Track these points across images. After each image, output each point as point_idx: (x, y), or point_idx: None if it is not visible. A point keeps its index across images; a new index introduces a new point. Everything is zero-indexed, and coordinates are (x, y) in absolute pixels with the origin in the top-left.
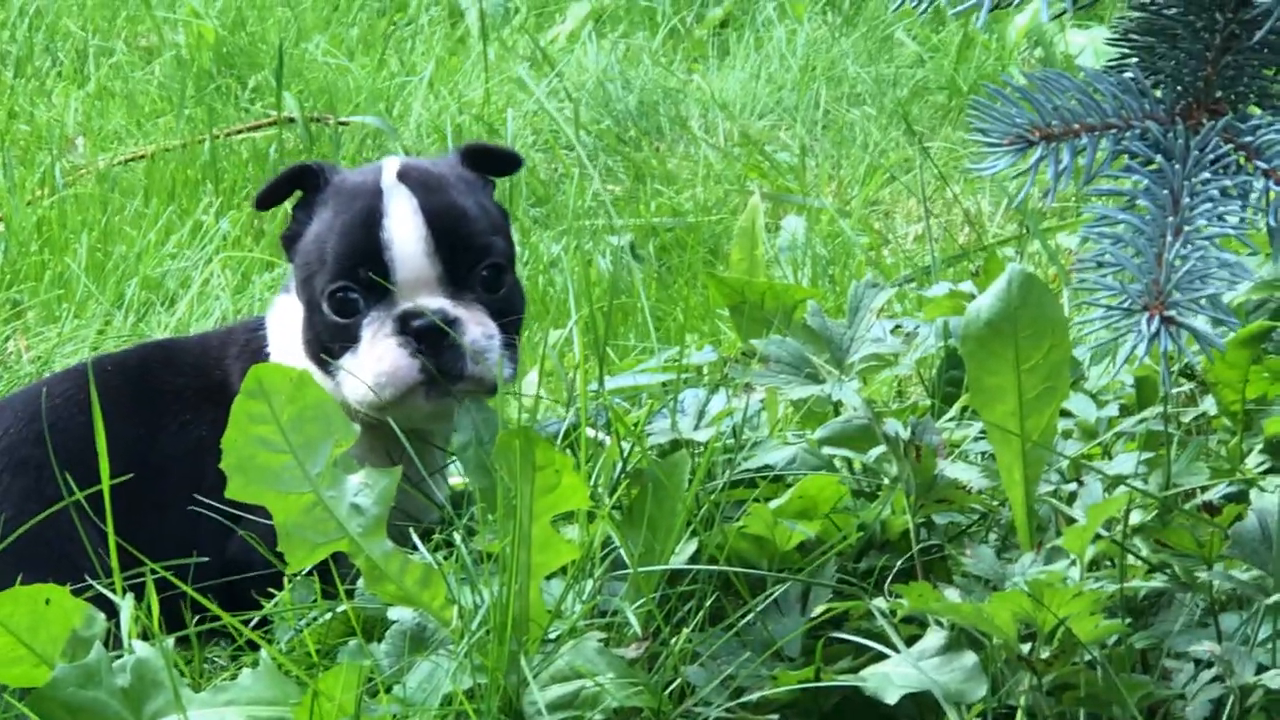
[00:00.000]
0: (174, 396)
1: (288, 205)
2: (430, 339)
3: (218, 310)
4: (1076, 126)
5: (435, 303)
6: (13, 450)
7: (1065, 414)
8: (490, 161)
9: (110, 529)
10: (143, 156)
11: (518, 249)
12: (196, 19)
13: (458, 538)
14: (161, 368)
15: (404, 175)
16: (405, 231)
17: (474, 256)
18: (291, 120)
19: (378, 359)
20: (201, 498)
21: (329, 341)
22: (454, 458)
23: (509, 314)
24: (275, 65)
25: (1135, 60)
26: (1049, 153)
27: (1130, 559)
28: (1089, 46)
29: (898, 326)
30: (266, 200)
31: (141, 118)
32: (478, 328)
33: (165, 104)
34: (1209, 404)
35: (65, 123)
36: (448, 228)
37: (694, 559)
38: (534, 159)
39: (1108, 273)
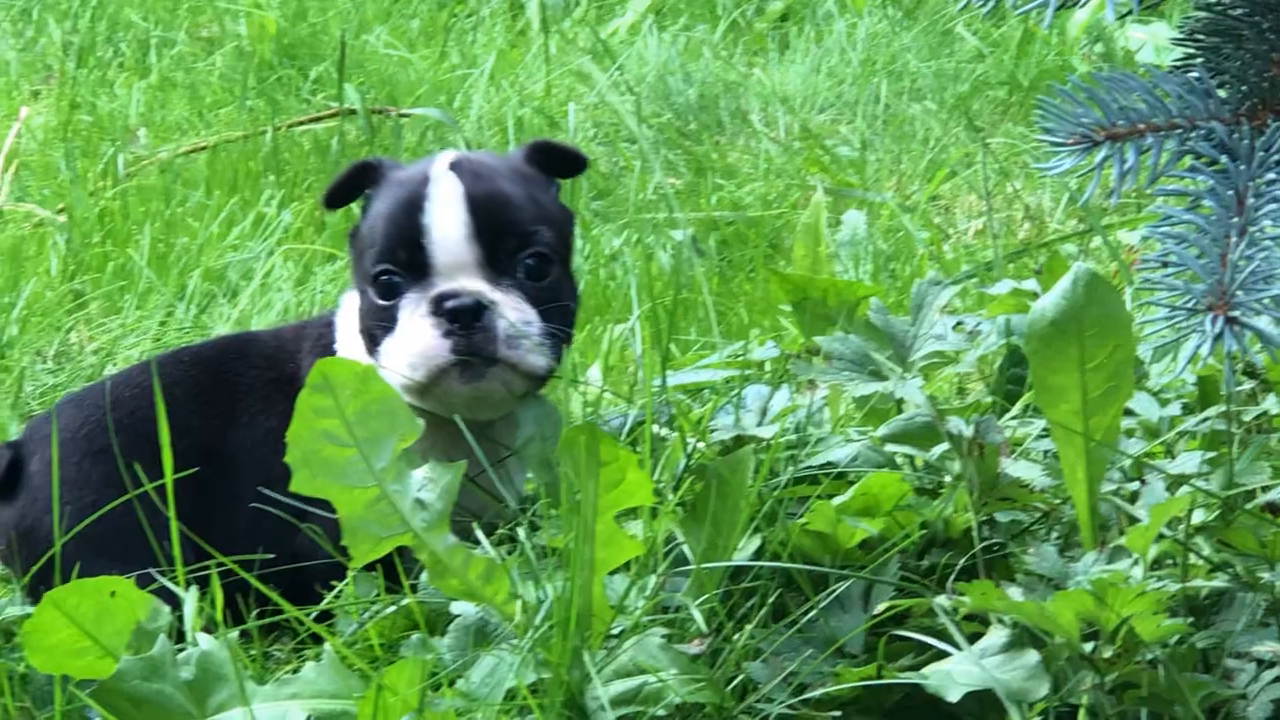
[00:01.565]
0: (247, 389)
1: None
2: (463, 320)
3: (279, 303)
4: (1142, 126)
5: (471, 285)
6: (93, 438)
7: (1128, 413)
8: (555, 160)
9: (173, 519)
10: (205, 148)
11: (579, 242)
12: (258, 10)
13: (521, 533)
14: (237, 360)
15: (455, 165)
16: (446, 216)
17: (516, 243)
18: (353, 112)
19: (411, 339)
20: (268, 491)
21: (373, 324)
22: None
23: (552, 304)
24: (337, 57)
25: (1201, 60)
26: (1114, 153)
27: (1192, 558)
28: (1149, 41)
29: (959, 323)
30: (334, 198)
31: (203, 109)
32: (514, 312)
33: (227, 95)
34: (1271, 402)
35: (127, 114)
36: (491, 213)
37: (757, 555)
38: (595, 152)
39: (1172, 272)
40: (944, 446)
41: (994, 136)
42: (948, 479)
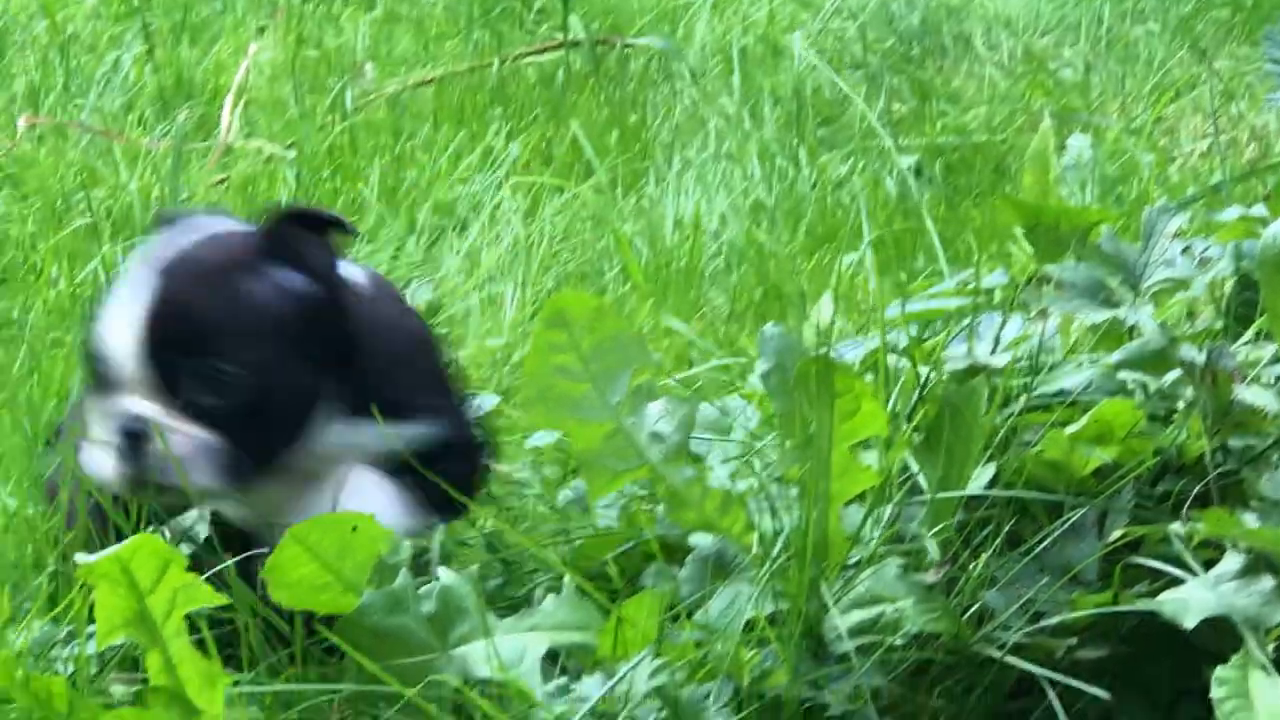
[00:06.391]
0: None
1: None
2: (133, 441)
3: (508, 236)
4: None
5: (137, 407)
6: None
7: None
8: (310, 227)
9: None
10: (431, 81)
11: (803, 170)
12: None
13: (757, 464)
14: None
15: (161, 256)
16: (119, 329)
17: (193, 362)
18: (578, 43)
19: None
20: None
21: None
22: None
23: (234, 421)
24: None
25: None
26: None
27: None
28: None
29: (1188, 248)
30: None
31: (429, 41)
32: (183, 437)
33: (451, 27)
34: None
35: (354, 48)
36: (167, 327)
37: (991, 484)
38: (819, 79)
39: None
40: (1176, 373)
41: (1218, 58)
42: (1180, 405)
